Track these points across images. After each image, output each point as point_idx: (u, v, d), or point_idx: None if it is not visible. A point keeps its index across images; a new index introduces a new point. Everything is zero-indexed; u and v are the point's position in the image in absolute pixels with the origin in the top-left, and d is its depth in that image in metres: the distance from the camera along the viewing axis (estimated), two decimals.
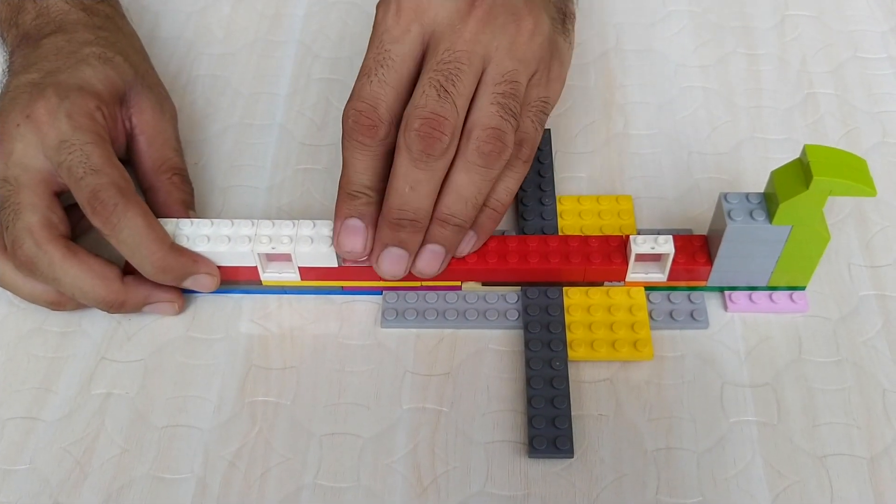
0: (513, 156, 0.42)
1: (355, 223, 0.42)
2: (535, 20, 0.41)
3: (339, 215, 0.43)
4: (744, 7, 0.63)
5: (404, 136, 0.40)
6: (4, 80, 0.48)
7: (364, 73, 0.41)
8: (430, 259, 0.43)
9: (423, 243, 0.43)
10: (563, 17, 0.46)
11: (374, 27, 0.41)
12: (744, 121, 0.56)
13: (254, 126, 0.57)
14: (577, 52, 0.60)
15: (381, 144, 0.41)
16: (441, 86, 0.39)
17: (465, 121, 0.40)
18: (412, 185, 0.40)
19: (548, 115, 0.43)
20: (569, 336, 0.45)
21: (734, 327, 0.46)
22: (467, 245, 0.44)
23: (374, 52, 0.41)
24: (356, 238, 0.42)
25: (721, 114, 0.56)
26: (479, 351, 0.46)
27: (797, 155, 0.42)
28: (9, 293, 0.47)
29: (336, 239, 0.43)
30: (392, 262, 0.43)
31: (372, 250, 0.43)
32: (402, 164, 0.40)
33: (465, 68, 0.40)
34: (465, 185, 0.41)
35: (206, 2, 0.64)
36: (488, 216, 0.44)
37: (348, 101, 0.41)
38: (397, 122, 0.41)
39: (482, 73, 0.40)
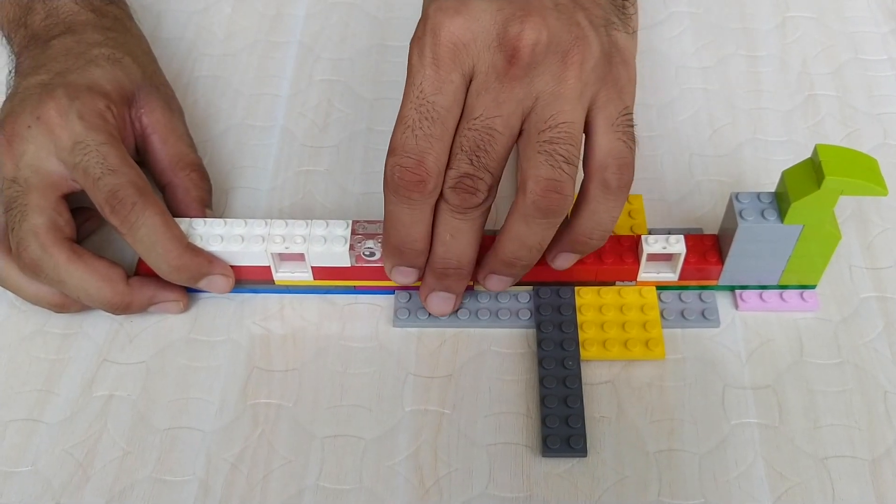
0: (614, 184, 0.39)
1: (405, 269, 0.43)
2: (583, 47, 0.38)
3: (388, 263, 0.44)
4: (744, 8, 0.63)
5: (444, 190, 0.40)
6: (12, 81, 0.48)
7: (405, 124, 0.38)
8: (497, 283, 0.44)
9: (490, 273, 0.44)
10: (622, 3, 0.44)
11: (409, 72, 0.39)
12: (744, 122, 0.56)
13: (255, 127, 0.57)
14: None
15: (430, 196, 0.39)
16: (473, 152, 0.38)
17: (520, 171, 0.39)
18: (452, 233, 0.41)
19: (633, 123, 0.41)
20: (581, 335, 0.45)
21: (735, 329, 0.46)
22: None
23: (415, 102, 0.38)
24: (408, 277, 0.44)
25: (722, 115, 0.56)
26: (481, 353, 0.46)
27: (798, 157, 0.42)
28: (11, 295, 0.47)
29: (388, 273, 0.44)
30: (440, 303, 0.44)
31: (420, 290, 0.45)
32: (443, 214, 0.40)
33: (499, 134, 0.38)
34: (528, 235, 0.40)
35: (207, 2, 0.64)
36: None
37: (390, 155, 0.39)
38: (444, 171, 0.39)
39: (524, 121, 0.39)
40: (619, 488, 0.41)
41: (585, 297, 0.46)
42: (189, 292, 0.47)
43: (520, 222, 0.40)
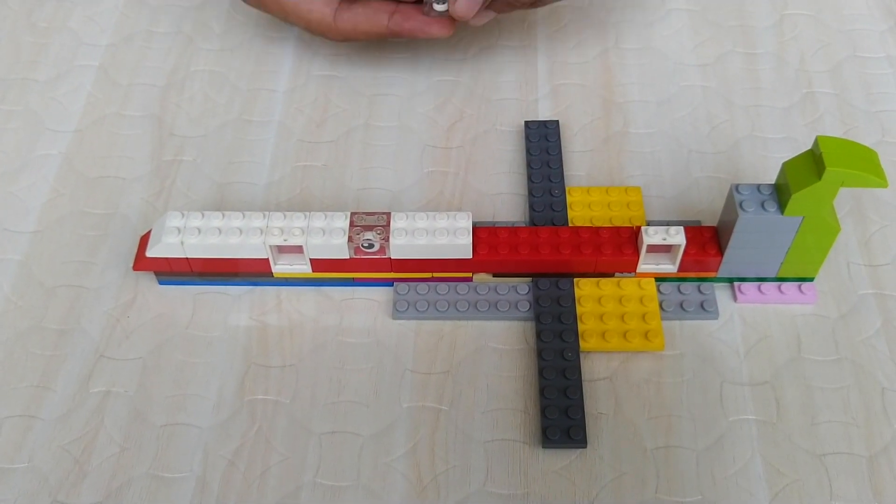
0: None
1: None
2: None
3: None
4: (742, 6, 0.63)
5: None
6: None
7: None
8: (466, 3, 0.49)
9: None
10: None
11: None
12: (742, 120, 0.56)
13: (252, 123, 0.56)
14: (576, 51, 0.60)
15: None
16: None
17: None
18: None
19: None
20: (580, 327, 0.45)
21: (734, 325, 0.46)
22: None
23: None
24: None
25: (720, 112, 0.56)
26: (478, 349, 0.46)
27: (796, 154, 0.42)
28: (7, 290, 0.46)
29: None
30: (468, 3, 0.49)
31: None
32: None
33: None
34: None
35: None
36: None
37: None
38: None
39: None
40: (616, 485, 0.41)
41: (585, 288, 0.47)
42: (188, 287, 0.47)
43: None
